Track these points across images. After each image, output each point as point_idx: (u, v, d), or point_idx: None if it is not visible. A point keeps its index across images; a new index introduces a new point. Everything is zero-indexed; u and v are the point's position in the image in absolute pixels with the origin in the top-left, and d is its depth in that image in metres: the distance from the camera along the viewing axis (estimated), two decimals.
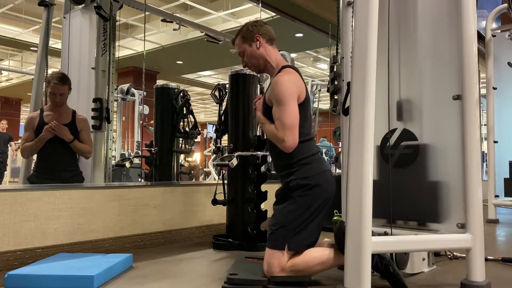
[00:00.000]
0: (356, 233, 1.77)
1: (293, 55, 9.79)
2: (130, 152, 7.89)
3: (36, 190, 2.49)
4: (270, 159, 3.14)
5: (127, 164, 4.42)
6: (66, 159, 3.09)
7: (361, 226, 1.76)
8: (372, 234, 1.78)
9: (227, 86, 3.20)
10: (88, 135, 3.19)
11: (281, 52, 2.65)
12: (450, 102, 2.03)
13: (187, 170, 5.54)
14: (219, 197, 2.99)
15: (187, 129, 3.99)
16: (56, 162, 3.05)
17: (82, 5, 3.81)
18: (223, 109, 3.23)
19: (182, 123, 4.03)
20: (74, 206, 2.57)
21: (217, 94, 3.32)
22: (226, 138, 3.21)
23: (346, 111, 2.17)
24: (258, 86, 3.16)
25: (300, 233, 2.00)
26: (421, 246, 2.02)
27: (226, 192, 3.00)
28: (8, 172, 9.62)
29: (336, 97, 2.54)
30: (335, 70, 2.55)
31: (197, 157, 11.24)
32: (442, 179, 2.11)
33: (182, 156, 4.37)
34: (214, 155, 5.57)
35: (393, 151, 2.25)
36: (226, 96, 3.22)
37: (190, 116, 4.07)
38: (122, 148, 8.22)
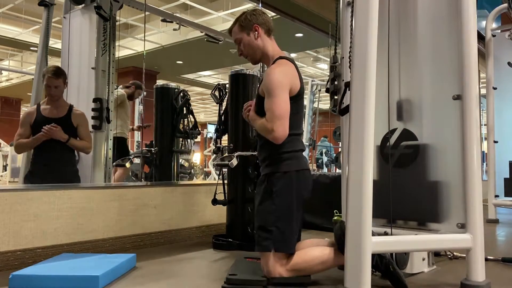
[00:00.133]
0: (356, 233, 1.77)
1: (293, 55, 9.79)
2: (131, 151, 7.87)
3: (36, 190, 2.49)
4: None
5: (127, 164, 4.41)
6: (63, 157, 3.09)
7: (361, 226, 1.76)
8: (372, 234, 1.78)
9: (227, 86, 3.19)
10: (86, 130, 3.17)
11: None
12: (450, 102, 2.03)
13: (188, 169, 5.53)
14: (219, 197, 2.99)
15: (187, 129, 4.00)
16: (52, 160, 3.04)
17: (82, 5, 3.81)
18: (223, 109, 3.23)
19: (182, 123, 4.03)
20: (74, 206, 2.57)
21: (217, 94, 3.31)
22: (226, 138, 3.21)
23: (342, 111, 2.17)
24: (258, 86, 3.16)
25: (283, 233, 1.99)
26: (421, 246, 2.02)
27: (226, 192, 3.00)
28: (8, 172, 9.61)
29: (336, 97, 2.54)
30: (335, 70, 2.55)
31: (197, 157, 11.23)
32: (442, 179, 2.11)
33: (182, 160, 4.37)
34: (214, 155, 5.56)
35: (393, 151, 2.25)
36: (226, 96, 3.22)
37: (190, 116, 4.07)
38: None
